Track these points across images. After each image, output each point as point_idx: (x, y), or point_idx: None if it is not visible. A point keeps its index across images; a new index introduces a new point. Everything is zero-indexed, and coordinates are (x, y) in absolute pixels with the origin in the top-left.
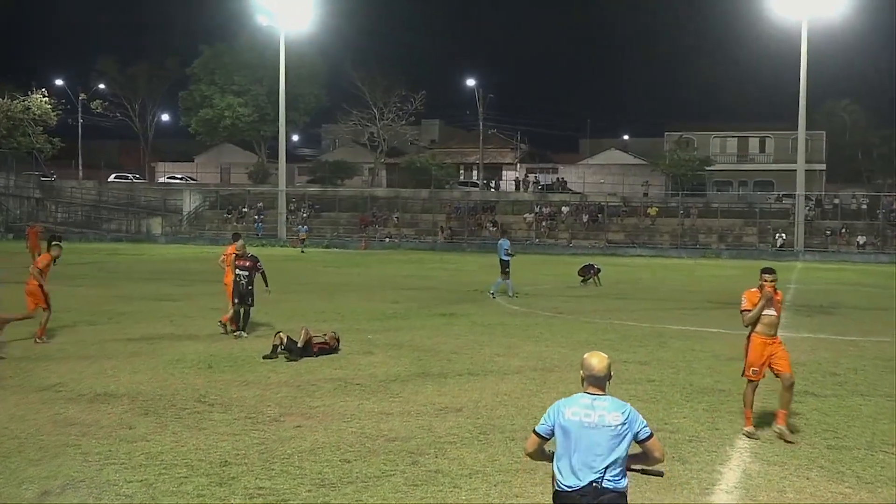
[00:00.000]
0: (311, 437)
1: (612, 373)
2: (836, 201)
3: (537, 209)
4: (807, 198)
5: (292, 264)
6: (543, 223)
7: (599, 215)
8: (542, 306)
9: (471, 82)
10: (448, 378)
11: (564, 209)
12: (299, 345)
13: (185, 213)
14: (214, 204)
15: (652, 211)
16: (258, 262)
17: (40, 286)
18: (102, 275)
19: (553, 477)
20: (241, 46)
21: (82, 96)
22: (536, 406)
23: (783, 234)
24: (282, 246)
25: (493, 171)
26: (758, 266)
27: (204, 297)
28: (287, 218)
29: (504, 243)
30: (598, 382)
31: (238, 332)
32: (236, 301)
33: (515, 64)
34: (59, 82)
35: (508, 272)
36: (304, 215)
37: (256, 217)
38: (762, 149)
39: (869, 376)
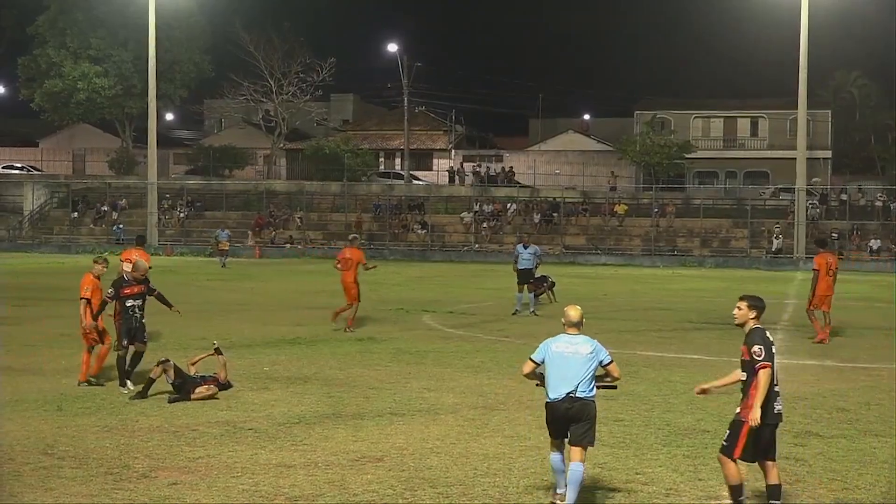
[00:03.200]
0: (191, 496)
1: (584, 320)
2: (845, 197)
3: (477, 207)
4: (809, 192)
5: (165, 278)
6: (485, 224)
7: (554, 214)
8: (484, 328)
9: (393, 48)
10: (365, 420)
11: (511, 207)
12: (170, 380)
13: (26, 213)
14: (65, 201)
15: (620, 209)
16: (149, 282)
17: None
18: None
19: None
20: None
21: None
22: (476, 454)
23: (780, 238)
24: (152, 254)
25: (422, 159)
26: (748, 277)
27: (50, 321)
28: (160, 219)
29: (530, 249)
30: (575, 325)
31: (126, 386)
32: (125, 342)
33: (449, 26)
34: None
35: (533, 284)
36: (181, 215)
37: (116, 217)
38: (754, 132)
39: (884, 412)
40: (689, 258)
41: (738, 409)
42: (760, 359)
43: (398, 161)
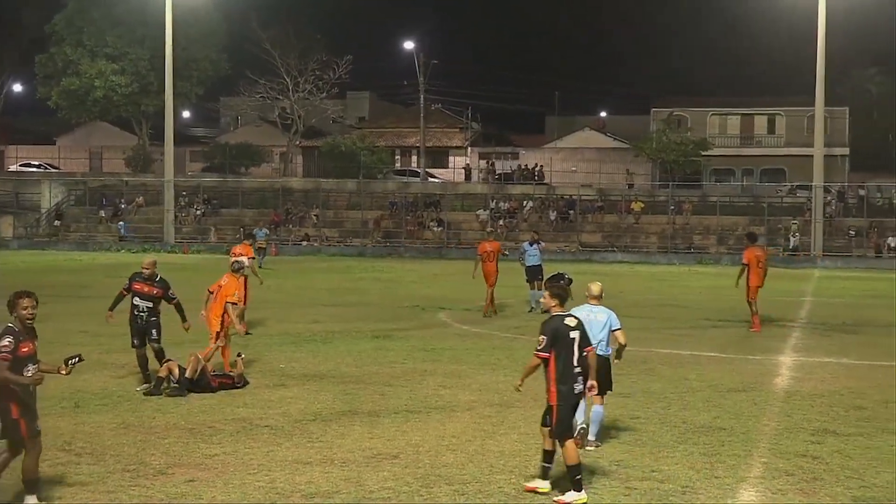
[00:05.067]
0: (208, 493)
1: (603, 294)
2: (862, 193)
3: (493, 204)
4: (826, 190)
5: (181, 275)
6: (501, 222)
7: (571, 212)
8: (500, 325)
9: (409, 45)
10: (381, 417)
11: (527, 204)
12: (187, 375)
13: (43, 211)
14: (82, 199)
15: (636, 206)
16: (169, 289)
17: None
18: None
19: None
20: None
21: None
22: (492, 451)
23: (797, 235)
24: (168, 251)
25: (438, 156)
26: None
27: (67, 319)
28: (176, 216)
29: (538, 246)
30: (596, 297)
31: (144, 386)
32: (135, 342)
33: (465, 23)
34: None
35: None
36: (198, 213)
37: (121, 215)
38: (771, 129)
39: None
40: (706, 256)
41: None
42: (538, 348)
43: (414, 158)
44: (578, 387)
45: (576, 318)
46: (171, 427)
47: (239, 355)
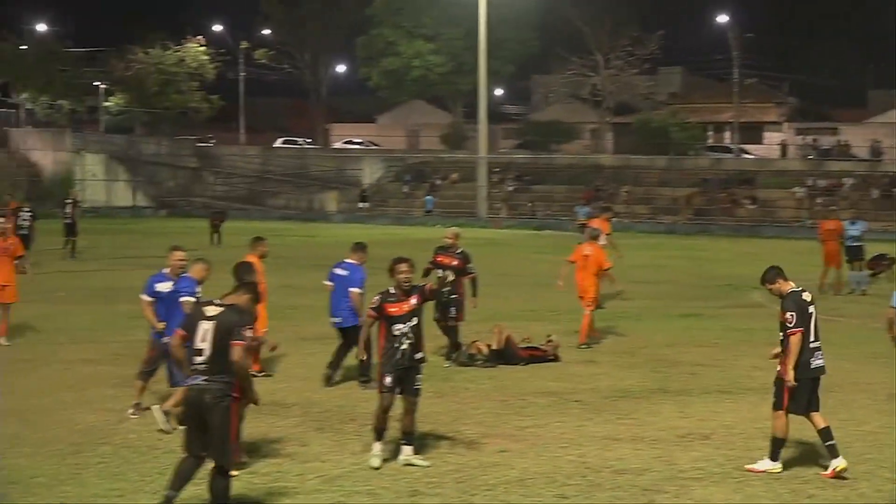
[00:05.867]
0: (520, 464)
1: None
2: None
3: (810, 182)
4: None
5: (492, 250)
6: (818, 200)
7: (895, 189)
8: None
9: (723, 19)
10: (692, 396)
11: (847, 182)
12: (493, 346)
13: (364, 186)
14: (400, 174)
15: None
16: (469, 262)
17: None
18: (268, 261)
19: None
20: None
21: (244, 45)
22: (808, 437)
23: None
24: (481, 227)
25: (752, 132)
26: None
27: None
28: (488, 192)
29: (858, 225)
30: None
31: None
32: (436, 315)
33: None
34: (216, 28)
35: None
36: (509, 189)
37: (436, 190)
38: None
39: None
40: None
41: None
42: (790, 325)
43: (727, 135)
44: (816, 361)
45: (810, 293)
46: (483, 398)
47: (549, 338)
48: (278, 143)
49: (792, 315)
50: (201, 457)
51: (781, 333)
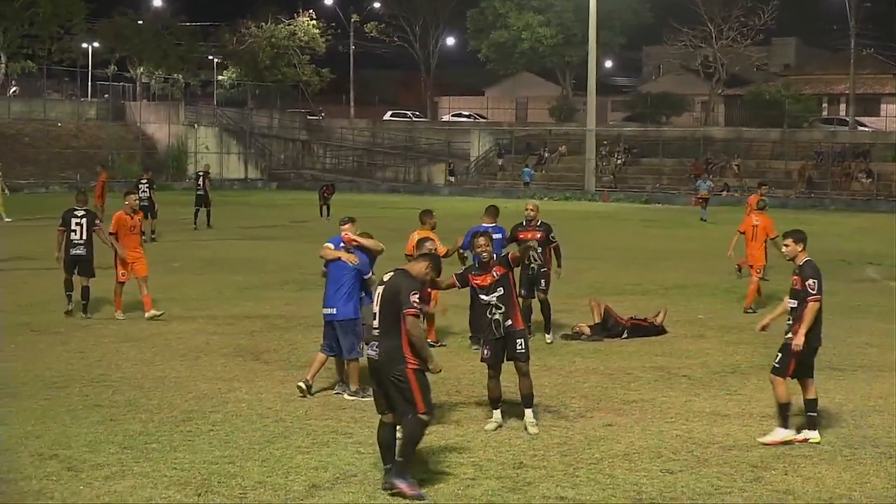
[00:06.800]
0: (626, 438)
1: None
2: None
3: None
4: None
5: (599, 223)
6: None
7: None
8: None
9: None
10: None
11: None
12: (596, 319)
13: (473, 159)
14: (508, 147)
15: None
16: (550, 232)
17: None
18: (378, 232)
19: None
20: None
21: (354, 18)
22: None
23: None
24: (589, 200)
25: (869, 104)
26: None
27: None
28: (597, 165)
29: None
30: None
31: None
32: (522, 292)
33: None
34: (327, 2)
35: None
36: (619, 161)
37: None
38: None
39: None
40: None
41: (787, 334)
42: (814, 292)
43: (842, 107)
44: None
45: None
46: (590, 371)
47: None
48: (387, 116)
49: (814, 282)
50: (393, 417)
51: (793, 300)
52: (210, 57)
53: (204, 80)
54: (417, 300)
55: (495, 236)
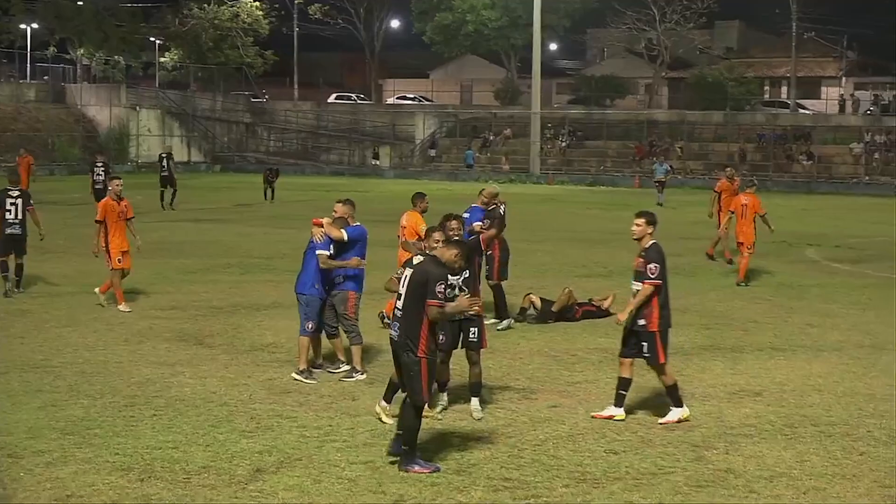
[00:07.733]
0: (570, 419)
1: None
2: None
3: (868, 137)
4: None
5: (544, 207)
6: (876, 156)
7: None
8: (874, 265)
9: None
10: (744, 353)
11: None
12: (554, 308)
13: (417, 142)
14: (453, 130)
15: None
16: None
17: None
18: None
19: None
20: None
21: (298, 0)
22: (861, 394)
23: None
24: (534, 183)
25: (809, 87)
26: None
27: None
28: (542, 148)
29: None
30: None
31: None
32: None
33: None
34: None
35: None
36: (563, 144)
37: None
38: None
39: None
40: None
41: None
42: (653, 276)
43: (784, 90)
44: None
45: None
46: (534, 353)
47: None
48: (332, 98)
49: (656, 266)
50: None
51: (637, 282)
52: (152, 39)
53: (146, 62)
54: (442, 290)
55: (464, 215)
